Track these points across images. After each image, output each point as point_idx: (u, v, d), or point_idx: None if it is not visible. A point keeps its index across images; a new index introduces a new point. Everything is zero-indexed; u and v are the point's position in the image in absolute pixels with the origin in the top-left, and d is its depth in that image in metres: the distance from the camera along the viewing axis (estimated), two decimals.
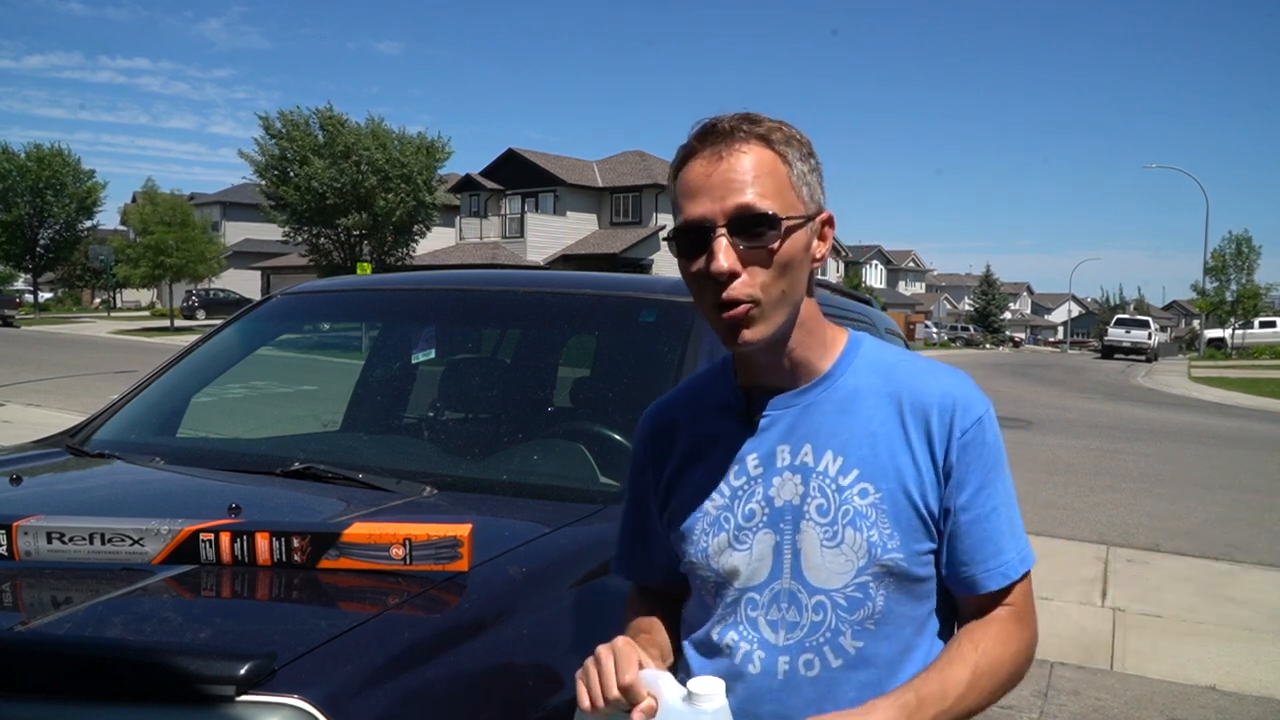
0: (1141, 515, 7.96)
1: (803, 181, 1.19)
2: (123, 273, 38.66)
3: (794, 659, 1.20)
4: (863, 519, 1.18)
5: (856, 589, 1.18)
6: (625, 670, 1.08)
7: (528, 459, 2.30)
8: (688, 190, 1.17)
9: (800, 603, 1.20)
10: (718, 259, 1.13)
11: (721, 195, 1.14)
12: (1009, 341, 69.34)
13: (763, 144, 1.17)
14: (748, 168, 1.15)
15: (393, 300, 2.99)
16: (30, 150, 46.25)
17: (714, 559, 1.25)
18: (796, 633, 1.20)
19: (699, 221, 1.15)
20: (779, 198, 1.15)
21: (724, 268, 1.13)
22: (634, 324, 2.46)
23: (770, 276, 1.15)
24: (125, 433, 2.51)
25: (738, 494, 1.25)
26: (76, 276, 53.53)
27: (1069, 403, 18.55)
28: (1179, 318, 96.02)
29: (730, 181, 1.14)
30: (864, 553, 1.18)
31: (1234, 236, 45.65)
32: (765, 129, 1.18)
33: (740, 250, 1.14)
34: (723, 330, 1.18)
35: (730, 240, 1.14)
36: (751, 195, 1.14)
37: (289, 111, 33.05)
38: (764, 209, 1.14)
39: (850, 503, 1.19)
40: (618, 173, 42.97)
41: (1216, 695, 4.19)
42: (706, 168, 1.16)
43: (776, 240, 1.14)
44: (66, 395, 12.84)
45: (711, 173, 1.15)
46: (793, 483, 1.22)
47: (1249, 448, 12.59)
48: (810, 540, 1.20)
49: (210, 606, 1.46)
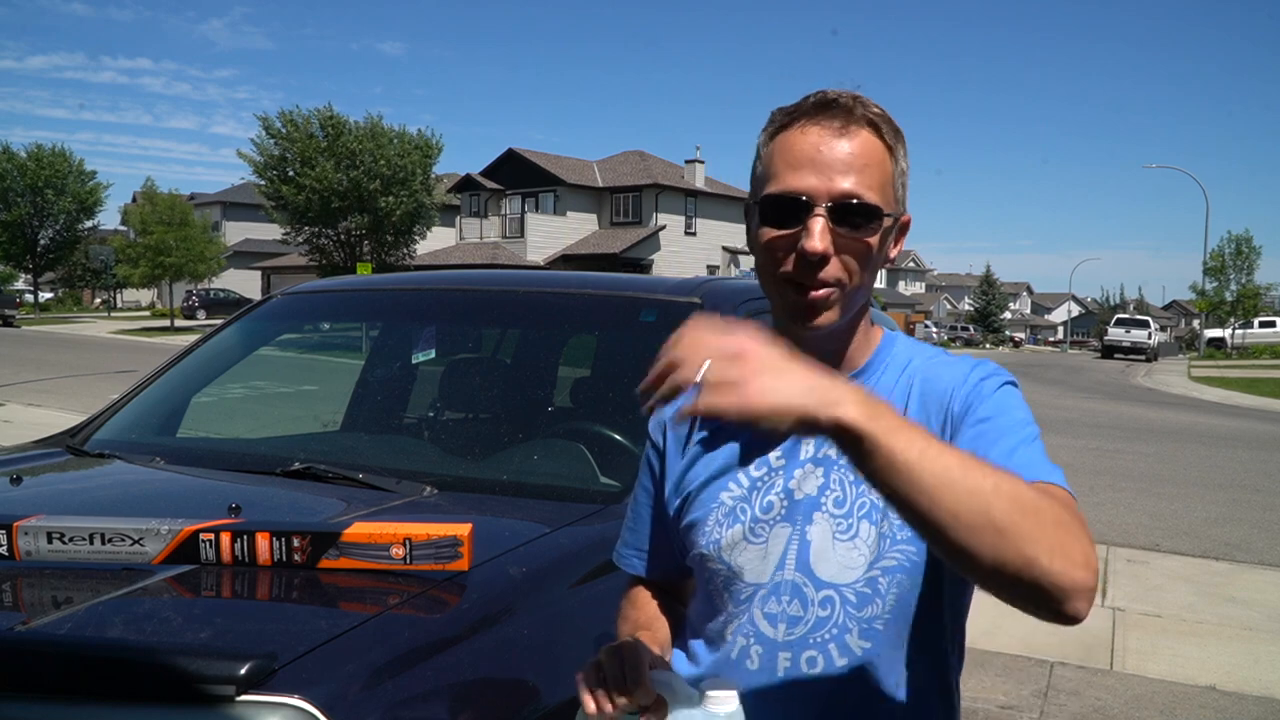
0: (1141, 515, 7.96)
1: (900, 180, 1.16)
2: (123, 273, 38.66)
3: (796, 656, 1.15)
4: (877, 512, 1.14)
5: (866, 584, 1.14)
6: (636, 673, 1.01)
7: (528, 459, 2.30)
8: (791, 157, 1.11)
9: (805, 597, 1.15)
10: (813, 238, 1.08)
11: (830, 174, 1.09)
12: (1009, 341, 69.34)
13: (875, 132, 1.13)
14: (860, 152, 1.11)
15: (393, 300, 2.99)
16: (31, 150, 46.29)
17: (726, 552, 1.20)
18: (799, 628, 1.15)
19: (799, 194, 1.10)
20: (881, 191, 1.12)
21: (818, 249, 1.08)
22: (634, 324, 2.46)
23: (857, 268, 1.12)
24: (125, 433, 2.51)
25: (757, 485, 1.21)
26: (77, 276, 53.52)
27: (1069, 402, 18.54)
28: (1179, 317, 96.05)
29: (843, 162, 1.10)
30: (875, 546, 1.14)
31: (1234, 236, 45.68)
32: (877, 116, 1.13)
33: (836, 236, 1.10)
34: (795, 307, 1.13)
35: (828, 223, 1.09)
36: (859, 183, 1.10)
37: (288, 112, 33.09)
38: (871, 200, 1.10)
39: (867, 495, 1.15)
40: (618, 173, 42.96)
41: (1216, 695, 4.19)
42: (819, 139, 1.11)
43: (874, 234, 1.11)
44: (66, 395, 12.83)
45: (824, 147, 1.10)
46: (814, 475, 1.18)
47: (1249, 448, 12.58)
48: (822, 533, 1.16)
49: (210, 606, 1.46)
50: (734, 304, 2.37)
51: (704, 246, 42.79)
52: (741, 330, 0.91)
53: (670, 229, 41.01)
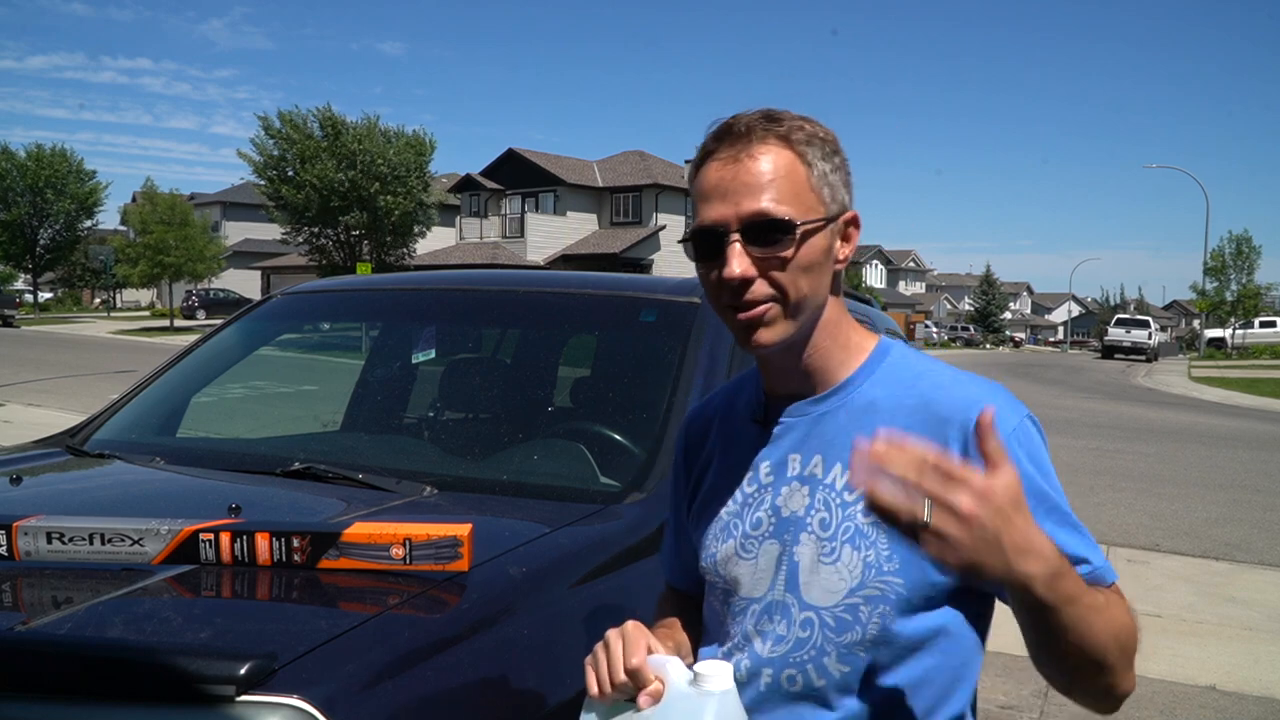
0: (1141, 515, 7.96)
1: (824, 182, 1.15)
2: (122, 272, 38.68)
3: (777, 673, 1.16)
4: (863, 537, 1.12)
5: (845, 610, 1.12)
6: (633, 654, 1.06)
7: (528, 459, 2.30)
8: (703, 193, 1.14)
9: (790, 616, 1.16)
10: (730, 265, 1.11)
11: (736, 200, 1.11)
12: (1009, 341, 69.31)
13: (782, 144, 1.13)
14: (764, 170, 1.11)
15: (393, 300, 2.99)
16: (30, 150, 46.29)
17: (721, 566, 1.23)
18: (781, 646, 1.16)
19: (712, 226, 1.12)
20: (796, 201, 1.12)
21: (735, 274, 1.10)
22: (634, 324, 2.46)
23: (788, 280, 1.12)
24: (125, 433, 2.51)
25: (749, 501, 1.23)
26: (76, 276, 53.51)
27: (1069, 402, 18.53)
28: (1179, 317, 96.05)
29: (745, 185, 1.11)
30: (858, 573, 1.12)
31: (1234, 236, 45.71)
32: (785, 128, 1.14)
33: (755, 255, 1.11)
34: (738, 331, 1.15)
35: (744, 245, 1.11)
36: (766, 200, 1.11)
37: (287, 112, 33.11)
38: (778, 214, 1.10)
39: (853, 519, 1.13)
40: (618, 173, 42.97)
41: (1216, 695, 4.19)
42: (722, 170, 1.13)
43: (791, 247, 1.11)
44: (66, 395, 12.83)
45: (726, 175, 1.12)
46: (800, 493, 1.18)
47: (1249, 448, 12.58)
48: (808, 554, 1.15)
49: (210, 606, 1.45)
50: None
51: None
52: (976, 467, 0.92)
53: (670, 229, 41.01)
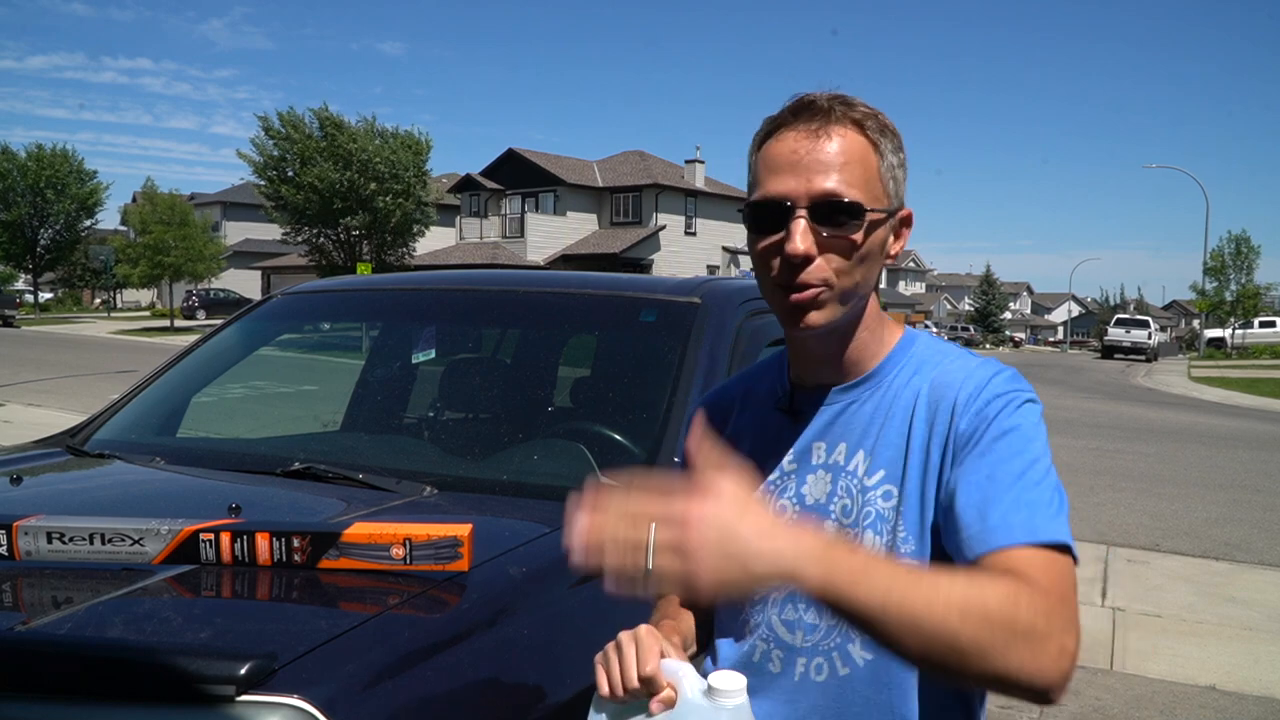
0: (1141, 515, 7.96)
1: (890, 174, 1.14)
2: (122, 272, 38.68)
3: (808, 662, 1.16)
4: (883, 522, 1.13)
5: None
6: (647, 660, 1.04)
7: (528, 459, 2.29)
8: (772, 164, 1.12)
9: (817, 604, 1.16)
10: (794, 240, 1.08)
11: (808, 176, 1.09)
12: (1009, 341, 69.33)
13: (857, 129, 1.12)
14: (839, 151, 1.10)
15: (393, 300, 2.99)
16: (31, 150, 46.29)
17: None
18: (813, 635, 1.16)
19: (779, 198, 1.10)
20: (866, 188, 1.11)
21: (799, 250, 1.08)
22: (634, 324, 2.46)
23: (846, 266, 1.11)
24: (125, 433, 2.51)
25: (771, 488, 1.22)
26: (77, 276, 53.50)
27: (1069, 402, 18.53)
28: (1179, 317, 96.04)
29: (820, 162, 1.09)
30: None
31: (1233, 236, 45.67)
32: (861, 114, 1.13)
33: (819, 235, 1.09)
34: (785, 311, 1.13)
35: (810, 223, 1.09)
36: (839, 181, 1.09)
37: (286, 112, 33.10)
38: (850, 197, 1.09)
39: (873, 504, 1.14)
40: (618, 173, 42.97)
41: (1216, 695, 4.19)
42: (796, 143, 1.11)
43: (858, 231, 1.10)
44: (66, 395, 12.83)
45: (801, 150, 1.10)
46: (823, 481, 1.18)
47: (1249, 448, 12.58)
48: None
49: (210, 606, 1.45)
50: (734, 304, 2.37)
51: (704, 246, 42.79)
52: (683, 493, 0.92)
53: (670, 229, 41.02)
